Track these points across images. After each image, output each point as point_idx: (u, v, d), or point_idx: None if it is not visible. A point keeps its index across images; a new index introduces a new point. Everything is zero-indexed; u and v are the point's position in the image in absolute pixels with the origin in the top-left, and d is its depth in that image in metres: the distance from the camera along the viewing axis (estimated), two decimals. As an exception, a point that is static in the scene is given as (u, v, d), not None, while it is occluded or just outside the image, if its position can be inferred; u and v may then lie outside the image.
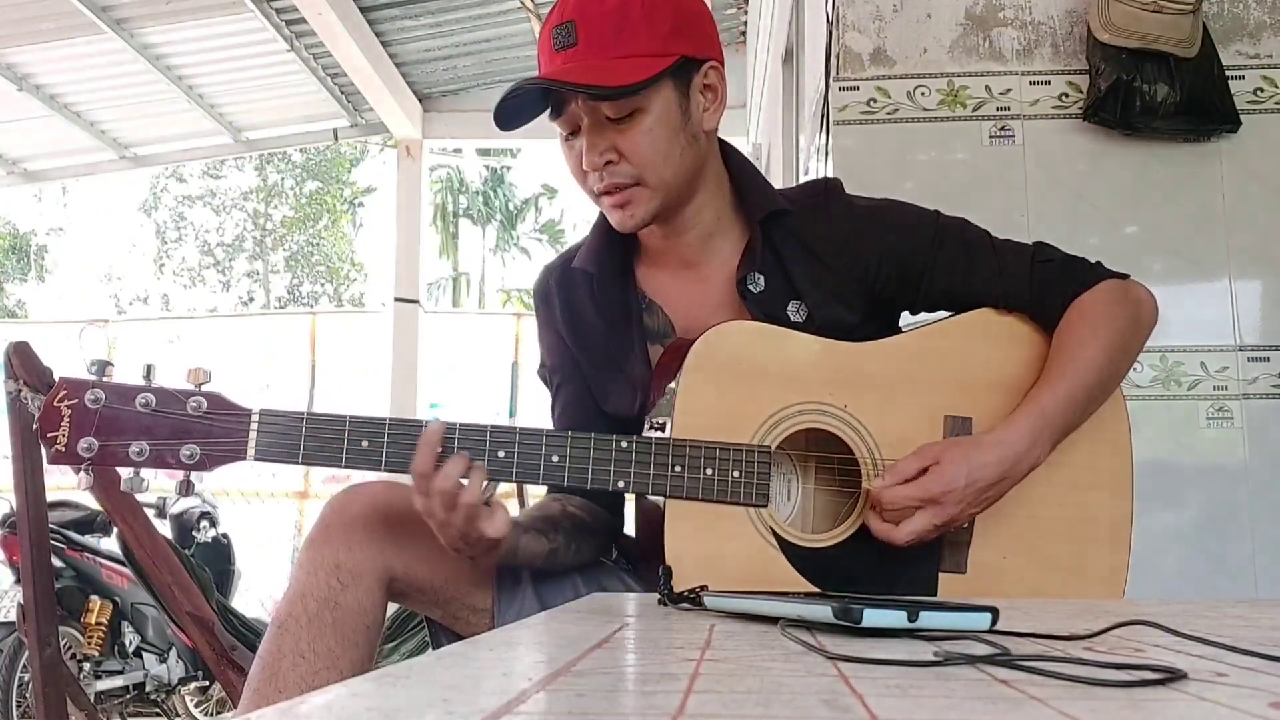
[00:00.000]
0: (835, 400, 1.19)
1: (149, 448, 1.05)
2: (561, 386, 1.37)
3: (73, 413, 1.03)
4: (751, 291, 1.26)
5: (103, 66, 5.69)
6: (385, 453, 1.08)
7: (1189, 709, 0.42)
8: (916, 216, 1.30)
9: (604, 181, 1.20)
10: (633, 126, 1.18)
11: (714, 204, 1.28)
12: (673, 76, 1.19)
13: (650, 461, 1.13)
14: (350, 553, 1.14)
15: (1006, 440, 1.16)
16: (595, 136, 1.19)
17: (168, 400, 1.06)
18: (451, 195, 19.88)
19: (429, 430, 1.08)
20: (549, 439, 1.12)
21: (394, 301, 6.87)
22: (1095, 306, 1.23)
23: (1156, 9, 2.11)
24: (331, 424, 1.08)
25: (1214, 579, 2.11)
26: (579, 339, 1.34)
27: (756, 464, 1.15)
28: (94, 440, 1.03)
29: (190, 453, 1.06)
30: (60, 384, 1.04)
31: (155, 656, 4.15)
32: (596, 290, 1.32)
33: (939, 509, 1.13)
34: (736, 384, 1.18)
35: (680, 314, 1.30)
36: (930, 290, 1.27)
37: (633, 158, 1.18)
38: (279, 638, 1.11)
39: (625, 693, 0.46)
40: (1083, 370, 1.20)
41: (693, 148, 1.22)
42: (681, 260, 1.31)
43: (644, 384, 1.27)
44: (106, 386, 1.05)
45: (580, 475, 1.13)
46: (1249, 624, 0.80)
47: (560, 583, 1.25)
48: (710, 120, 1.25)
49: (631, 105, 1.17)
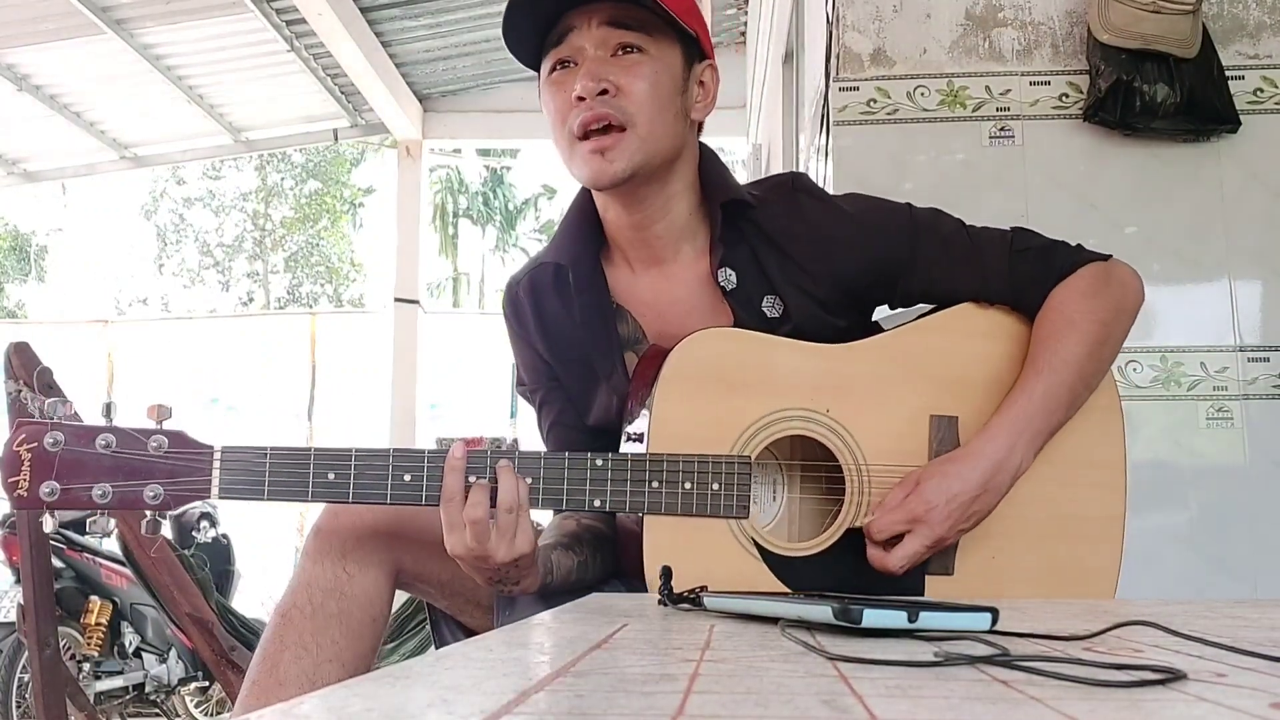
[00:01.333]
0: (817, 405, 1.17)
1: (111, 490, 1.02)
2: (545, 405, 1.34)
3: (33, 456, 1.01)
4: (724, 288, 1.23)
5: (103, 66, 5.69)
6: (352, 485, 1.05)
7: (1189, 709, 0.42)
8: (890, 214, 1.27)
9: (592, 111, 1.14)
10: (637, 65, 1.16)
11: (686, 197, 1.25)
12: (682, 45, 1.21)
13: (627, 479, 1.11)
14: (359, 542, 1.13)
15: (984, 452, 1.14)
16: (597, 66, 1.15)
17: (128, 441, 1.03)
18: (451, 195, 19.87)
19: (454, 457, 1.04)
20: (521, 460, 1.09)
21: (394, 302, 6.87)
22: (1073, 297, 1.20)
23: (1156, 9, 2.11)
24: (295, 458, 1.05)
25: (1214, 579, 2.11)
26: (555, 350, 1.31)
27: (736, 475, 1.13)
28: (56, 484, 1.01)
29: (154, 493, 1.03)
30: (19, 427, 1.02)
31: (155, 657, 4.15)
32: (573, 285, 1.27)
33: (925, 529, 1.12)
34: (715, 393, 1.15)
35: (650, 318, 1.27)
36: (908, 287, 1.25)
37: (631, 94, 1.15)
38: (282, 628, 1.10)
39: (625, 693, 0.46)
40: (1060, 367, 1.17)
41: (681, 123, 1.21)
42: (651, 256, 1.26)
43: (624, 392, 1.24)
44: (65, 428, 1.02)
45: (555, 497, 1.10)
46: (1249, 624, 0.80)
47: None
48: (699, 112, 1.25)
49: (644, 40, 1.17)
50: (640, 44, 1.17)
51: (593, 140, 1.15)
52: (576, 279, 1.27)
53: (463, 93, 6.75)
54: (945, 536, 1.13)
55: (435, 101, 6.80)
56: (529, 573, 1.09)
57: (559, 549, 1.17)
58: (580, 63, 1.17)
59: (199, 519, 4.83)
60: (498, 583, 1.09)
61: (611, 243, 1.29)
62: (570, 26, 1.17)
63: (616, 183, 1.17)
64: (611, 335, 1.26)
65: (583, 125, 1.15)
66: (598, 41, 1.16)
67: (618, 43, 1.16)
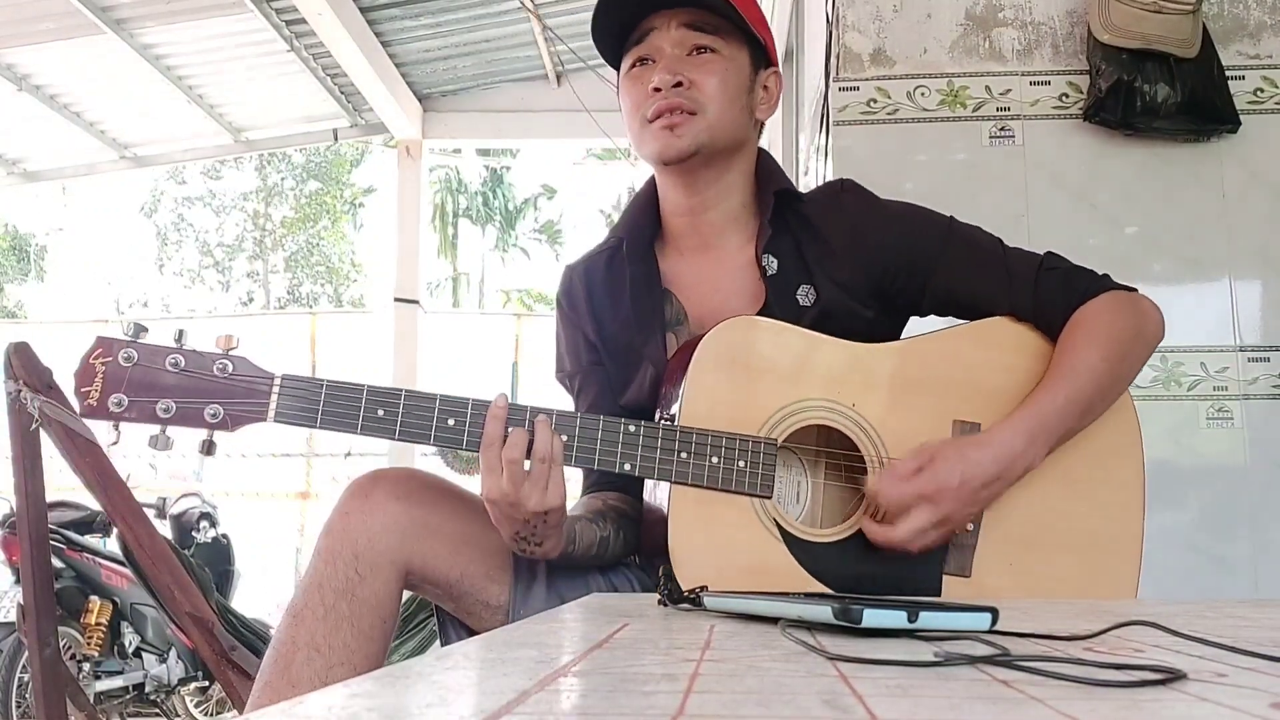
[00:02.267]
0: (843, 398, 1.19)
1: (175, 405, 1.10)
2: (583, 390, 1.39)
3: (106, 369, 1.09)
4: (765, 272, 1.29)
5: (103, 66, 5.69)
6: (400, 423, 1.11)
7: (1189, 709, 0.42)
8: (928, 217, 1.33)
9: (667, 100, 1.25)
10: (710, 63, 1.28)
11: (740, 189, 1.33)
12: (750, 50, 1.32)
13: (657, 446, 1.15)
14: (370, 543, 1.14)
15: (1002, 440, 1.17)
16: (674, 63, 1.27)
17: (196, 362, 1.11)
18: (451, 195, 19.87)
19: (496, 406, 1.12)
20: (559, 419, 1.14)
21: (394, 302, 6.87)
22: (1098, 315, 1.24)
23: (1157, 9, 2.11)
24: (349, 392, 1.12)
25: (1214, 579, 2.11)
26: (603, 328, 1.37)
27: (763, 455, 1.16)
28: (124, 396, 1.09)
29: (214, 412, 1.10)
30: (97, 343, 1.10)
31: (155, 657, 4.15)
32: (626, 259, 1.36)
33: (934, 506, 1.14)
34: (744, 378, 1.18)
35: (694, 301, 1.33)
36: (936, 290, 1.28)
37: (703, 87, 1.27)
38: (294, 628, 1.11)
39: (625, 693, 0.46)
40: (1081, 376, 1.20)
41: (745, 117, 1.32)
42: (700, 243, 1.34)
43: (659, 364, 1.30)
44: (139, 347, 1.10)
45: (588, 456, 1.15)
46: (1249, 624, 0.80)
47: (574, 578, 1.25)
48: (762, 113, 1.36)
49: (718, 43, 1.28)
50: (714, 45, 1.28)
51: (667, 118, 1.26)
52: (630, 252, 1.36)
53: (463, 93, 6.74)
54: (951, 517, 1.15)
55: (435, 101, 6.79)
56: (554, 532, 1.14)
57: (583, 520, 1.22)
58: (658, 60, 1.28)
59: (199, 519, 4.83)
60: (523, 539, 1.13)
61: (666, 229, 1.38)
62: (651, 28, 1.29)
63: (682, 157, 1.27)
64: (657, 311, 1.33)
65: (656, 111, 1.26)
66: (675, 42, 1.28)
67: (694, 44, 1.28)
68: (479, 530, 1.22)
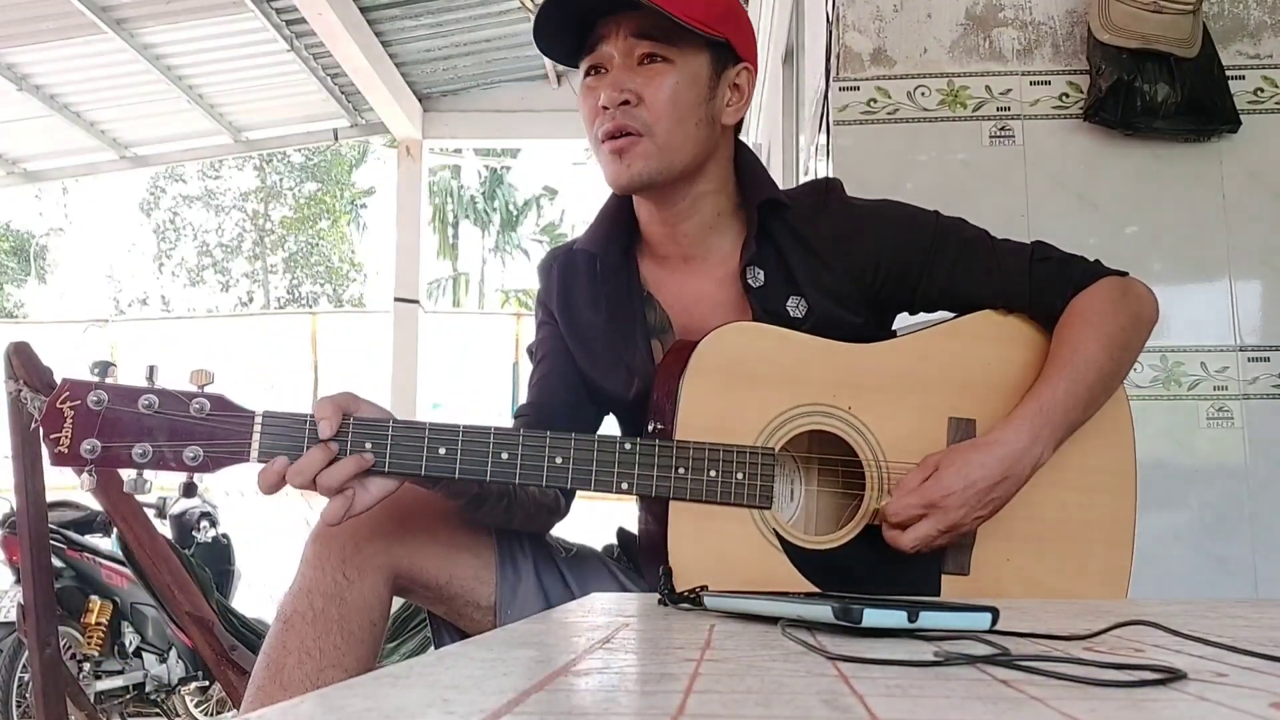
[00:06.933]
0: (839, 402, 1.19)
1: (152, 449, 1.04)
2: (543, 360, 1.37)
3: (75, 414, 1.03)
4: (751, 285, 1.25)
5: (103, 66, 5.69)
6: (389, 455, 1.07)
7: (1189, 709, 0.42)
8: (915, 217, 1.30)
9: (613, 121, 1.19)
10: (659, 76, 1.20)
11: (716, 198, 1.28)
12: (711, 51, 1.23)
13: (654, 464, 1.13)
14: (357, 548, 1.14)
15: (1005, 440, 1.16)
16: (622, 75, 1.20)
17: (170, 402, 1.05)
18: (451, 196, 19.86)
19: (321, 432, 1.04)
20: (553, 441, 1.11)
21: (394, 302, 6.87)
22: (1094, 304, 1.23)
23: (1157, 9, 2.11)
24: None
25: (1214, 579, 2.11)
26: (571, 326, 1.34)
27: (760, 466, 1.15)
28: (97, 442, 1.02)
29: (193, 454, 1.04)
30: (63, 385, 1.03)
31: (155, 656, 4.15)
32: (600, 274, 1.32)
33: (941, 514, 1.13)
34: (740, 386, 1.17)
35: (678, 310, 1.30)
36: (928, 290, 1.27)
37: (651, 105, 1.19)
38: (284, 634, 1.11)
39: (625, 693, 0.46)
40: (1082, 367, 1.19)
41: (706, 130, 1.23)
42: (681, 253, 1.30)
43: (645, 374, 1.27)
44: (109, 388, 1.04)
45: (584, 477, 1.12)
46: (1249, 624, 0.80)
47: (559, 578, 1.25)
48: (730, 115, 1.27)
49: (668, 50, 1.19)
50: (664, 54, 1.20)
51: (614, 142, 1.20)
52: (603, 270, 1.31)
53: (463, 93, 6.75)
54: (960, 523, 1.14)
55: (435, 101, 6.80)
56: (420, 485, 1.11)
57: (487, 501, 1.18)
58: (610, 69, 1.21)
59: (199, 519, 4.83)
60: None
61: (644, 236, 1.32)
62: (601, 35, 1.21)
63: (633, 186, 1.22)
64: (638, 319, 1.30)
65: (605, 133, 1.20)
66: (624, 51, 1.20)
67: (642, 53, 1.20)
68: (465, 533, 1.22)
